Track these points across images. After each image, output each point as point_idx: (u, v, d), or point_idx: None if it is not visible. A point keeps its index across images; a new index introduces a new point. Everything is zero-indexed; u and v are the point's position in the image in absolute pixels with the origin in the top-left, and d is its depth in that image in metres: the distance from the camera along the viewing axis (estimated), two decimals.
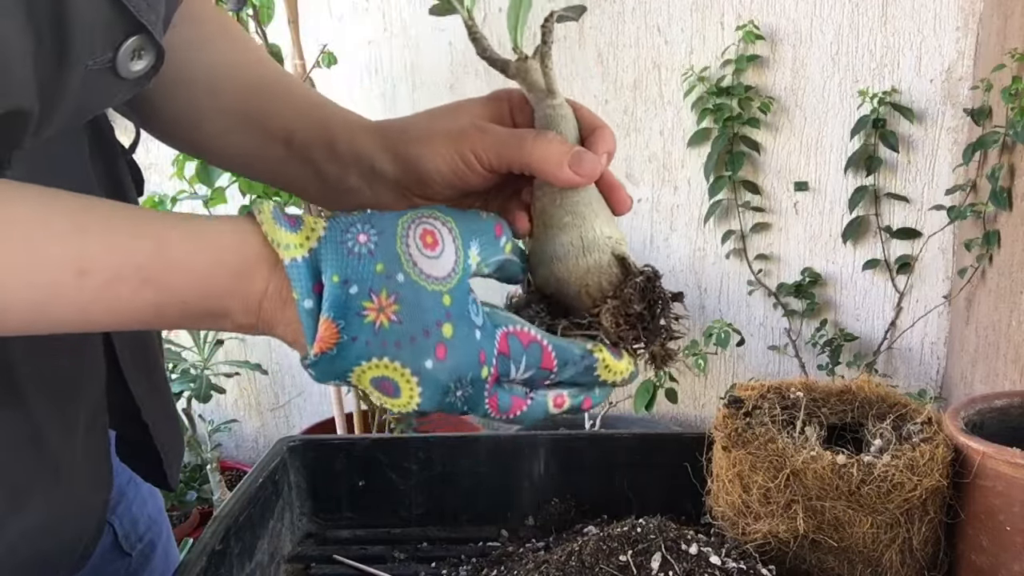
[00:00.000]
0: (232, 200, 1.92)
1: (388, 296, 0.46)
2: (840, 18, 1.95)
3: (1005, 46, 1.71)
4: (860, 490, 0.65)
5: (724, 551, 0.67)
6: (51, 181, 0.51)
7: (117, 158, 0.62)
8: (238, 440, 2.51)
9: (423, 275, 0.47)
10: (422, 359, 0.46)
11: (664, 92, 2.09)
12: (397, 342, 0.46)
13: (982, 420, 0.73)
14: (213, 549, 0.66)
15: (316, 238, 0.46)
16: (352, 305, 0.45)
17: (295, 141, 0.60)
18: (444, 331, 0.46)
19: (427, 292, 0.46)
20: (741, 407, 0.76)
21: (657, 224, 2.18)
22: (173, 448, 0.68)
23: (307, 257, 0.45)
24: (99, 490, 0.61)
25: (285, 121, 0.61)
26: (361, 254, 0.46)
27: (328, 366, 0.46)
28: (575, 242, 0.52)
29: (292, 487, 0.84)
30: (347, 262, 0.45)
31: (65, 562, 0.60)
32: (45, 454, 0.54)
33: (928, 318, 2.10)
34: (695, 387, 2.29)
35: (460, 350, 0.47)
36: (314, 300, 0.45)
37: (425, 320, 0.46)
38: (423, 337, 0.46)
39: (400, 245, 0.47)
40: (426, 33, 2.10)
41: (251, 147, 0.62)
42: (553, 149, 0.52)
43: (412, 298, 0.46)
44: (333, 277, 0.45)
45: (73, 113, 0.48)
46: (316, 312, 0.45)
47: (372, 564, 0.79)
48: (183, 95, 0.62)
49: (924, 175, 2.02)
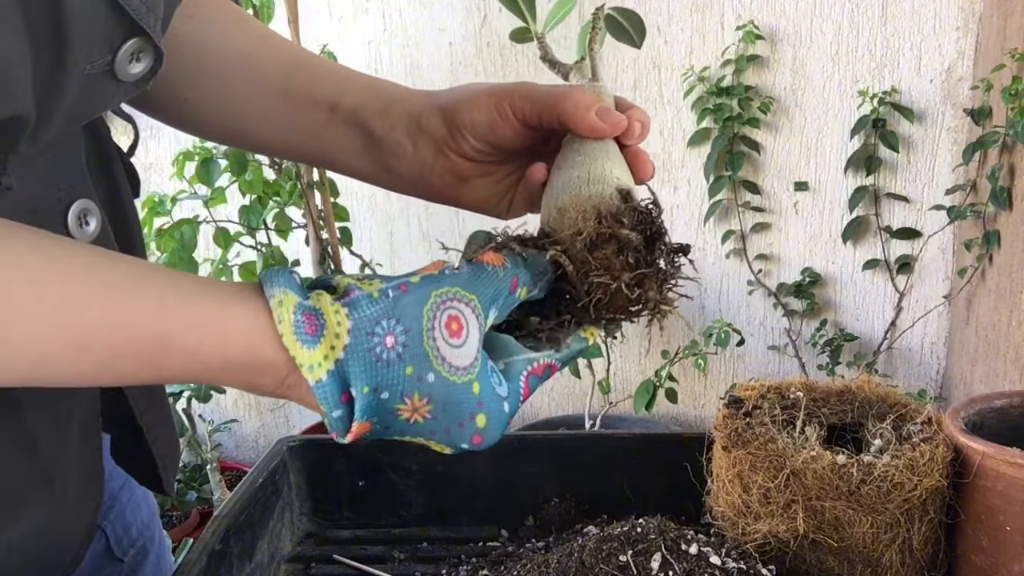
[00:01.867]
0: (232, 200, 1.92)
1: (421, 398, 0.46)
2: (840, 18, 1.95)
3: (1005, 46, 1.71)
4: (860, 490, 0.65)
5: (724, 551, 0.67)
6: (49, 184, 0.51)
7: (113, 160, 0.62)
8: (238, 440, 2.51)
9: (451, 368, 0.47)
10: (458, 443, 0.48)
11: (664, 92, 2.09)
12: (433, 432, 0.47)
13: (982, 420, 0.73)
14: (213, 549, 0.66)
15: (342, 347, 0.44)
16: (386, 408, 0.45)
17: (342, 105, 0.62)
18: (478, 422, 0.48)
19: (457, 386, 0.47)
20: (741, 407, 0.76)
21: None
22: (168, 453, 0.68)
23: (332, 371, 0.44)
24: (91, 496, 0.61)
25: (330, 89, 0.63)
26: (390, 359, 0.45)
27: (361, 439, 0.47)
28: (581, 175, 0.53)
29: (292, 487, 0.84)
30: (376, 370, 0.44)
31: (55, 568, 0.59)
32: (38, 461, 0.53)
33: (928, 318, 2.10)
34: (695, 387, 2.28)
35: (493, 431, 0.49)
36: (343, 409, 0.45)
37: (459, 414, 0.47)
38: (458, 428, 0.48)
39: (427, 341, 0.46)
40: (426, 33, 2.10)
41: (290, 119, 0.63)
42: (585, 98, 0.54)
43: (444, 396, 0.46)
44: (363, 388, 0.44)
45: (71, 117, 0.48)
46: (347, 418, 0.45)
47: (372, 564, 0.79)
48: (216, 81, 0.63)
49: (924, 175, 2.02)
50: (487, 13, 2.02)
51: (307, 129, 0.63)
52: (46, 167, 0.51)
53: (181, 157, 1.85)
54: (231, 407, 2.47)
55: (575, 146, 0.55)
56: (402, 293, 0.46)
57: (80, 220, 0.53)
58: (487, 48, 2.07)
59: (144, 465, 0.66)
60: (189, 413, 2.07)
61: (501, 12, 2.03)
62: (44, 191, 0.51)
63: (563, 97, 0.54)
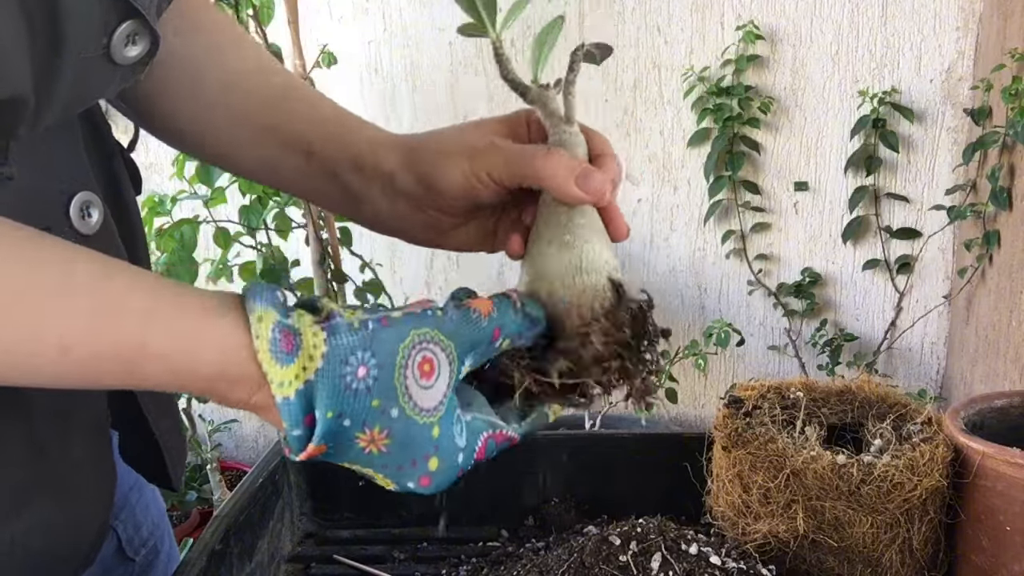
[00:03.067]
0: (232, 200, 1.92)
1: (381, 431, 0.46)
2: (840, 18, 1.95)
3: (1005, 46, 1.71)
4: (860, 490, 0.65)
5: (724, 551, 0.67)
6: (50, 176, 0.52)
7: (114, 156, 0.62)
8: (238, 440, 2.51)
9: (416, 408, 0.47)
10: (405, 481, 0.48)
11: (664, 92, 2.08)
12: (384, 465, 0.47)
13: (982, 420, 0.73)
14: (213, 549, 0.66)
15: (313, 369, 0.44)
16: (345, 435, 0.45)
17: (315, 154, 0.61)
18: (430, 464, 0.48)
19: (418, 425, 0.47)
20: (741, 407, 0.76)
21: (657, 224, 2.18)
22: (176, 447, 0.68)
23: (300, 390, 0.44)
24: (102, 492, 0.61)
25: (304, 134, 0.62)
26: (359, 390, 0.45)
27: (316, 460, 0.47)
28: (574, 261, 0.53)
29: (292, 487, 0.84)
30: (343, 398, 0.45)
31: (68, 566, 0.60)
32: (46, 456, 0.54)
33: (928, 318, 2.10)
34: (695, 387, 2.28)
35: (442, 477, 0.49)
36: (303, 430, 0.45)
37: (414, 452, 0.47)
38: (410, 467, 0.48)
39: (398, 377, 0.46)
40: (426, 33, 2.10)
41: (268, 158, 0.63)
42: (563, 165, 0.53)
43: (403, 433, 0.47)
44: (328, 413, 0.44)
45: (69, 101, 0.48)
46: (305, 439, 0.45)
47: (372, 564, 0.79)
48: (194, 107, 0.63)
49: (924, 175, 2.02)
50: None
51: (288, 171, 0.63)
52: (47, 158, 0.51)
53: (181, 157, 1.85)
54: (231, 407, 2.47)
55: (558, 215, 0.54)
56: (382, 327, 0.46)
57: (82, 212, 0.54)
58: (487, 48, 2.06)
59: (152, 462, 0.67)
60: (189, 413, 2.07)
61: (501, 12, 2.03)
62: (45, 182, 0.51)
63: (541, 164, 0.53)
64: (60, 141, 0.53)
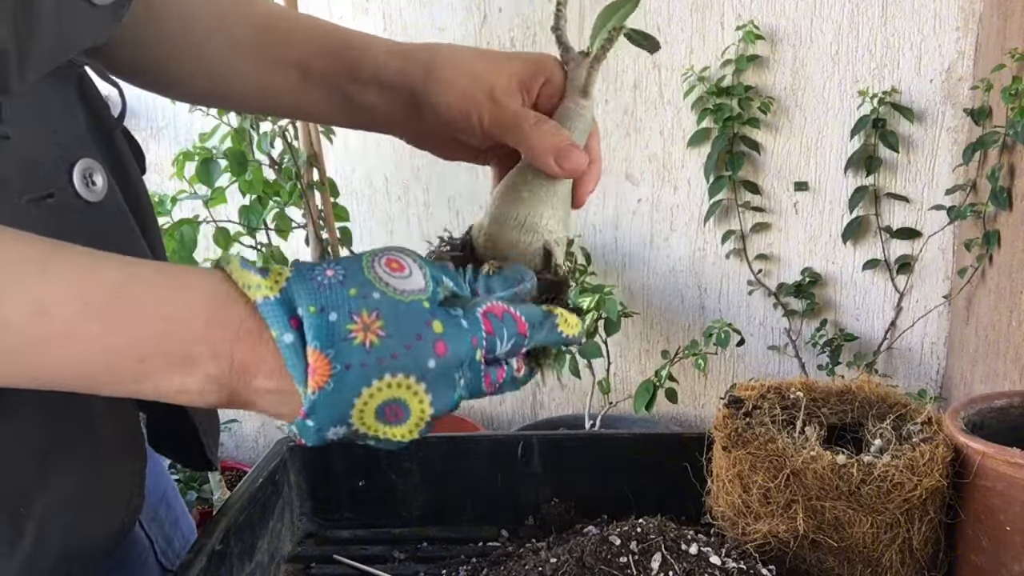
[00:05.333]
0: (232, 200, 1.92)
1: (369, 314, 0.44)
2: (840, 18, 1.95)
3: (1005, 46, 1.71)
4: (860, 490, 0.65)
5: (724, 551, 0.68)
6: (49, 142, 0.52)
7: (114, 132, 0.62)
8: (238, 440, 2.51)
9: (396, 291, 0.46)
10: (424, 360, 0.45)
11: (664, 92, 2.08)
12: (393, 354, 0.44)
13: (982, 420, 0.73)
14: (213, 549, 0.66)
15: (284, 279, 0.44)
16: (336, 331, 0.43)
17: (313, 70, 0.63)
18: (435, 328, 0.45)
19: (405, 304, 0.45)
20: (741, 407, 0.76)
21: (657, 224, 2.18)
22: (209, 421, 0.68)
23: (279, 296, 0.44)
24: (131, 460, 0.61)
25: (300, 52, 0.64)
26: (332, 284, 0.45)
27: (329, 405, 0.44)
28: (519, 217, 0.56)
29: (292, 487, 0.84)
30: (319, 293, 0.44)
31: (103, 536, 0.59)
32: (71, 420, 0.54)
33: (928, 318, 2.10)
34: (695, 387, 2.28)
35: (456, 340, 0.46)
36: (294, 335, 0.43)
37: (413, 326, 0.45)
38: (417, 341, 0.45)
39: (368, 272, 0.46)
40: (426, 33, 2.10)
41: (262, 83, 0.65)
42: (548, 137, 0.55)
43: (393, 311, 0.45)
44: (309, 308, 0.43)
45: (53, 49, 0.48)
46: (299, 346, 0.43)
47: (372, 564, 0.79)
48: (184, 47, 0.64)
49: (924, 175, 2.02)
50: (487, 13, 2.02)
51: (282, 89, 0.65)
52: (43, 122, 0.52)
53: (181, 157, 1.85)
54: None
55: (527, 175, 0.57)
56: (344, 257, 0.47)
57: (86, 179, 0.54)
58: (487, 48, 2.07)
59: (184, 441, 0.66)
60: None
61: (501, 12, 2.03)
62: (44, 148, 0.52)
63: (528, 131, 0.55)
64: (53, 104, 0.53)
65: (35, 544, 0.52)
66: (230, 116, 1.90)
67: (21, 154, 0.49)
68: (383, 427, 0.45)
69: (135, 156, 0.65)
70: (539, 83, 0.59)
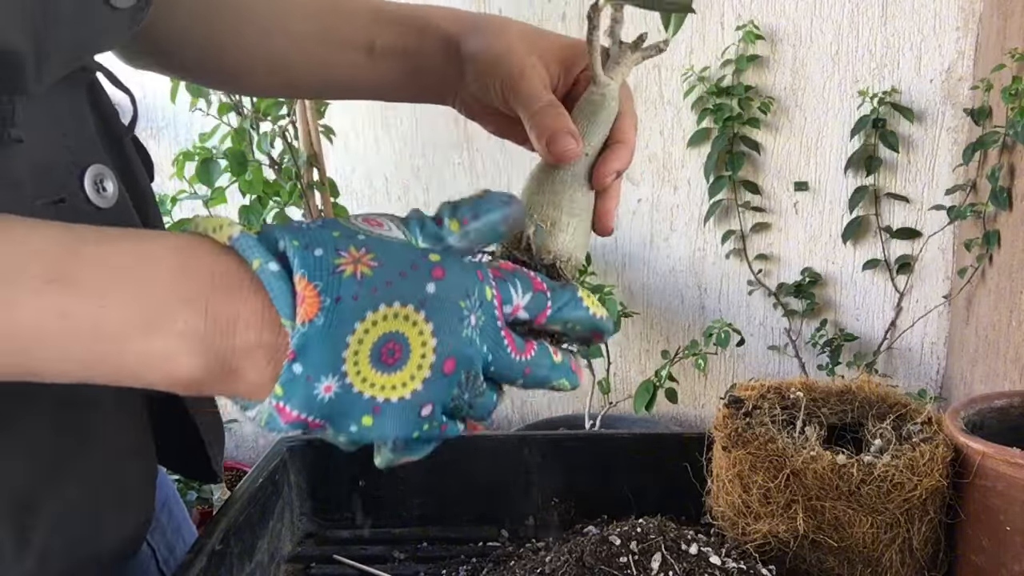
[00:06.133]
0: (232, 200, 1.92)
1: (358, 249, 0.40)
2: (840, 18, 1.95)
3: (1005, 46, 1.71)
4: (860, 490, 0.65)
5: (724, 551, 0.67)
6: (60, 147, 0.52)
7: (123, 139, 0.62)
8: (238, 440, 2.51)
9: (382, 236, 0.42)
10: (422, 285, 0.41)
11: (664, 92, 2.08)
12: (387, 282, 0.40)
13: (982, 420, 0.73)
14: (213, 549, 0.66)
15: (259, 226, 0.43)
16: (324, 264, 0.39)
17: (378, 43, 0.64)
18: (431, 257, 0.42)
19: (395, 242, 0.42)
20: (741, 407, 0.76)
21: (657, 224, 2.18)
22: (214, 429, 0.68)
23: (257, 236, 0.41)
24: (141, 470, 0.61)
25: (365, 30, 0.64)
26: (312, 228, 0.41)
27: (320, 342, 0.39)
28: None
29: (292, 487, 0.84)
30: (301, 232, 0.41)
31: (110, 547, 0.59)
32: (78, 427, 0.54)
33: (928, 318, 2.10)
34: (695, 387, 2.28)
35: (456, 267, 0.42)
36: (279, 264, 0.39)
37: (407, 257, 0.42)
38: (412, 270, 0.41)
39: (345, 223, 0.43)
40: None
41: (328, 61, 0.66)
42: (547, 120, 0.54)
43: (381, 246, 0.41)
44: (293, 242, 0.40)
45: (71, 50, 0.48)
46: (285, 275, 0.39)
47: (372, 564, 0.79)
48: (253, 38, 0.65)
49: (924, 175, 2.02)
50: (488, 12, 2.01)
51: (345, 69, 0.66)
52: (55, 127, 0.52)
53: (181, 157, 1.85)
54: (231, 407, 2.46)
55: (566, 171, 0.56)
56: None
57: (97, 185, 0.54)
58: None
59: (188, 451, 0.66)
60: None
61: (501, 13, 2.03)
62: (56, 153, 0.52)
63: (533, 113, 0.55)
64: (65, 110, 0.53)
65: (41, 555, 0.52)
66: (230, 116, 1.90)
67: (34, 158, 0.49)
68: (380, 377, 0.40)
69: (144, 164, 0.65)
70: (579, 67, 0.60)
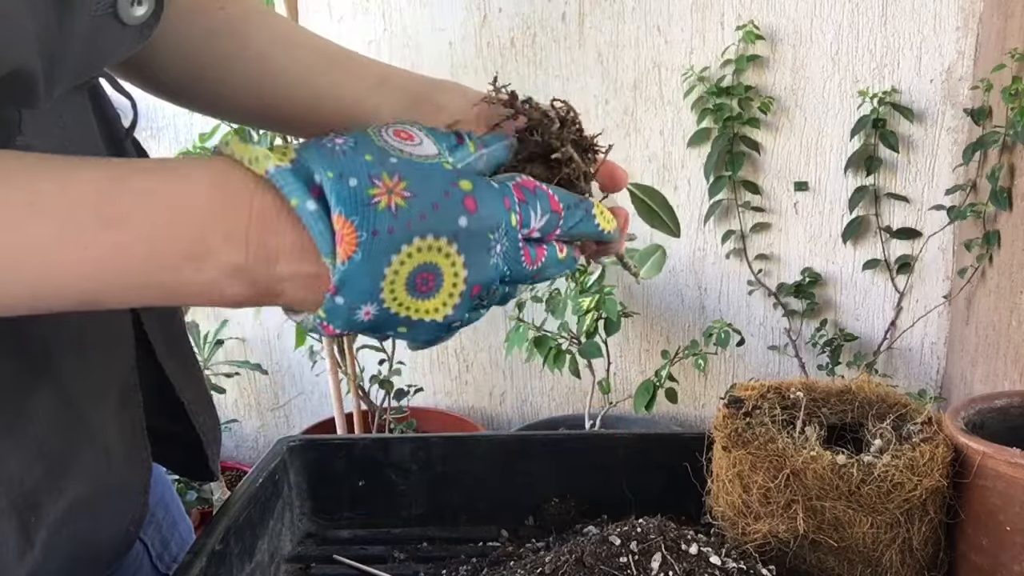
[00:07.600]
0: None
1: (391, 177, 0.42)
2: (840, 18, 1.95)
3: (1005, 46, 1.71)
4: (860, 490, 0.65)
5: (724, 551, 0.68)
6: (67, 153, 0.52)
7: (124, 142, 0.62)
8: (238, 440, 2.51)
9: (413, 156, 0.43)
10: (455, 218, 0.42)
11: (664, 92, 2.08)
12: (421, 215, 0.41)
13: (982, 420, 0.73)
14: (213, 549, 0.66)
15: (293, 151, 0.42)
16: (359, 197, 0.40)
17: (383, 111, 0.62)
18: (463, 186, 0.43)
19: (427, 165, 0.43)
20: (741, 407, 0.76)
21: None
22: (211, 430, 0.68)
23: (291, 166, 0.41)
24: (138, 469, 0.61)
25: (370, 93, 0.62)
26: (345, 150, 0.42)
27: (359, 276, 0.41)
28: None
29: (292, 487, 0.84)
30: (334, 159, 0.41)
31: (107, 546, 0.59)
32: (79, 426, 0.54)
33: (928, 318, 2.10)
34: (695, 387, 2.28)
35: (486, 197, 0.44)
36: (316, 202, 0.41)
37: (440, 185, 0.43)
38: (445, 199, 0.42)
39: (378, 141, 0.44)
40: (426, 33, 2.10)
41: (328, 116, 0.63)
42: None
43: (414, 172, 0.42)
44: (328, 174, 0.41)
45: (82, 65, 0.48)
46: (323, 213, 0.41)
47: (372, 564, 0.79)
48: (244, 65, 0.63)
49: (924, 175, 2.02)
50: (487, 13, 2.02)
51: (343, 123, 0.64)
52: (60, 132, 0.52)
53: (181, 157, 1.85)
54: (231, 407, 2.47)
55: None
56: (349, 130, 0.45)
57: None
58: (487, 48, 2.07)
59: (186, 450, 0.66)
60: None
61: (501, 12, 2.03)
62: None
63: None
64: (69, 115, 0.54)
65: (43, 554, 0.52)
66: None
67: None
68: (415, 302, 0.43)
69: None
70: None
